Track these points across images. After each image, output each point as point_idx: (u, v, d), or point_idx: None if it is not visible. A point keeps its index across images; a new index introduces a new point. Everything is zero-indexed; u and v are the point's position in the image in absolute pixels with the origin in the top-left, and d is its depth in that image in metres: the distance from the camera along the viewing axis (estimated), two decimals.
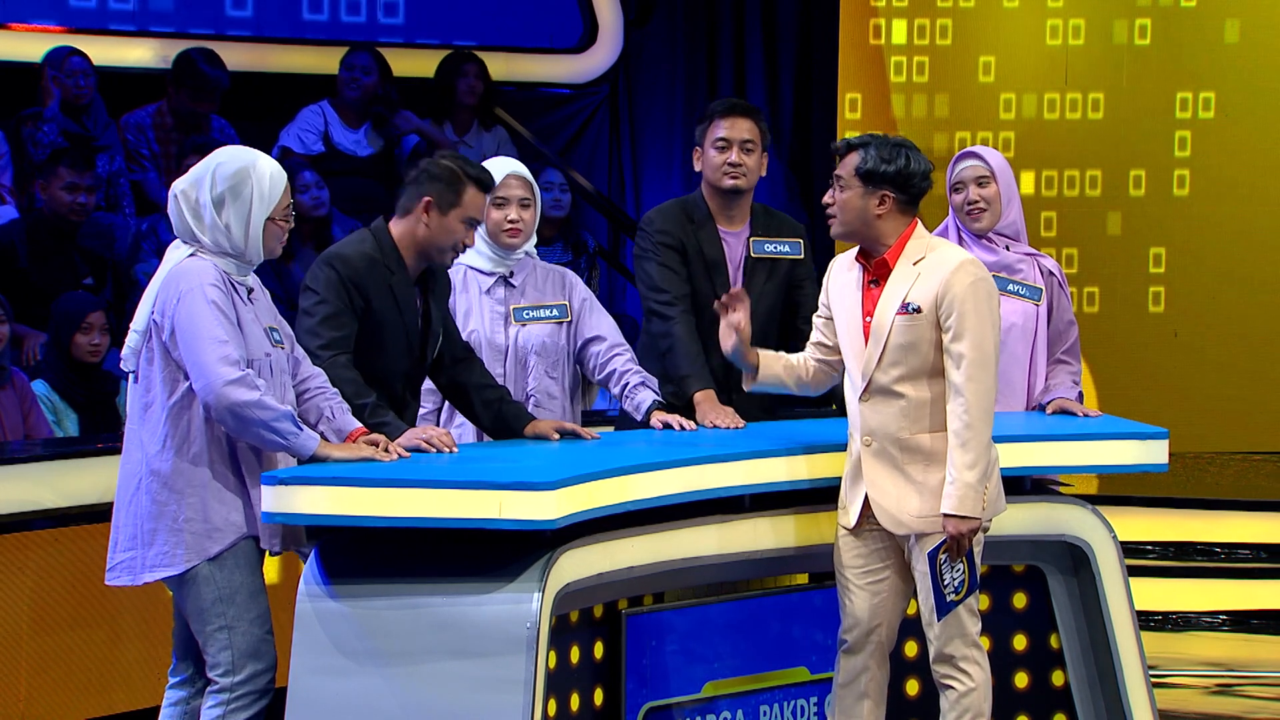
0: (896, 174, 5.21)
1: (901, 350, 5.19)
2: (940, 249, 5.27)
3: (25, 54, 9.61)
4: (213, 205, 4.99)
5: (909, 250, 5.24)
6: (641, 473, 5.07)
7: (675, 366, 5.98)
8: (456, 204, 5.42)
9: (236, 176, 5.00)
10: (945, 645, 5.22)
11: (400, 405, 5.49)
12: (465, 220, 5.44)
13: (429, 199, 5.43)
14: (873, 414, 5.24)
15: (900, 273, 5.22)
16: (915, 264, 5.22)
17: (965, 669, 5.23)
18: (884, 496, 5.24)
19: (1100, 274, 11.54)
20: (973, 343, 5.14)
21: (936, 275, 5.18)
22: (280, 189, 5.04)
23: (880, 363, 5.21)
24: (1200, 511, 9.43)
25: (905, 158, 5.22)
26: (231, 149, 5.11)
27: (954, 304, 5.15)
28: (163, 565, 4.98)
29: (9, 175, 9.01)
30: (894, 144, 5.24)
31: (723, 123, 6.10)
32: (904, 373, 5.20)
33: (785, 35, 11.56)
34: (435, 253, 5.47)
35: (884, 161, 5.21)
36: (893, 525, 5.24)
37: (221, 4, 10.68)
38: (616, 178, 11.47)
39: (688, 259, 6.12)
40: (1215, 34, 11.53)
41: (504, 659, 4.73)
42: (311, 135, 9.73)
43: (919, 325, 5.18)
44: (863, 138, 5.28)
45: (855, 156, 5.24)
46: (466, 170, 5.45)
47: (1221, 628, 8.83)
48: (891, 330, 5.20)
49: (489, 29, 11.07)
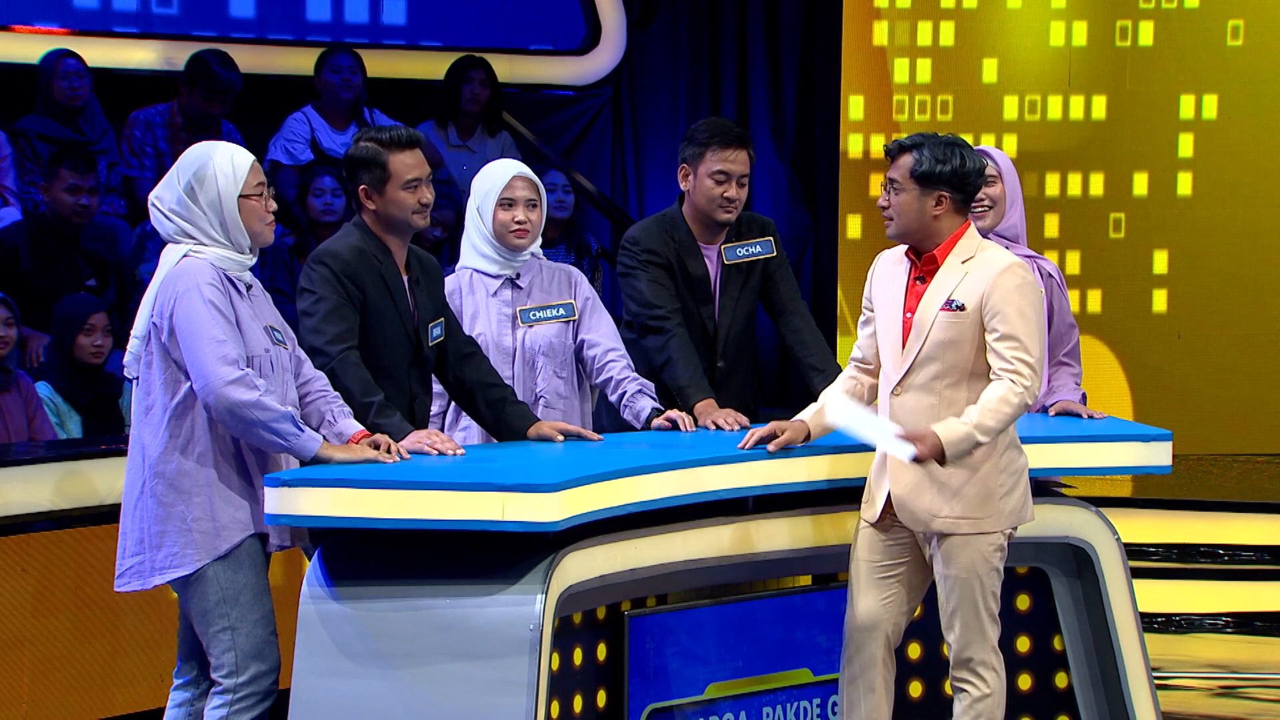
0: (952, 174, 5.19)
1: (941, 347, 5.18)
2: (989, 250, 5.25)
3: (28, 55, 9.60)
4: (185, 197, 5.03)
5: (959, 249, 5.22)
6: (644, 474, 5.07)
7: (674, 378, 6.00)
8: (387, 177, 5.42)
9: (197, 163, 5.05)
10: (964, 649, 5.21)
11: (409, 398, 5.49)
12: (405, 185, 5.42)
13: (364, 187, 5.45)
14: (903, 409, 5.22)
15: (948, 270, 5.21)
16: (964, 262, 5.20)
17: (982, 674, 5.22)
18: (907, 493, 5.22)
19: (1103, 275, 11.53)
20: (1018, 344, 5.12)
21: (984, 275, 5.17)
22: (245, 167, 5.07)
23: (918, 358, 5.19)
24: (1203, 513, 9.42)
25: (960, 157, 5.19)
26: (192, 146, 5.16)
27: (1000, 305, 5.13)
28: (172, 567, 4.98)
29: (11, 177, 9.01)
30: (947, 143, 5.21)
31: (724, 154, 6.09)
32: (940, 370, 5.18)
33: (788, 37, 11.55)
34: (403, 226, 5.46)
35: (939, 162, 5.18)
36: (913, 522, 5.22)
37: (225, 6, 10.68)
38: (619, 179, 11.46)
39: (674, 276, 6.15)
40: (1218, 36, 11.51)
41: (507, 661, 4.73)
42: (299, 144, 9.71)
43: (962, 323, 5.16)
44: (914, 138, 5.23)
45: (909, 158, 5.20)
46: (381, 139, 5.43)
47: (1225, 630, 8.82)
48: (933, 326, 5.18)
49: (492, 31, 11.06)
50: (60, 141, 9.10)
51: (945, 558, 5.20)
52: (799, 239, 11.35)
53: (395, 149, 5.42)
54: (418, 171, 5.44)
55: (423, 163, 5.47)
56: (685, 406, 5.91)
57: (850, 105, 11.47)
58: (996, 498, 5.21)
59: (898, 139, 5.28)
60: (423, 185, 5.45)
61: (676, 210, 6.22)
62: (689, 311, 6.15)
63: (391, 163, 5.41)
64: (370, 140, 5.44)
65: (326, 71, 9.81)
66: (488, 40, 10.94)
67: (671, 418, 5.77)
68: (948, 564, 5.20)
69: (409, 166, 5.43)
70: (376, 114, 9.92)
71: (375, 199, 5.44)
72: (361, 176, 5.44)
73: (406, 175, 5.42)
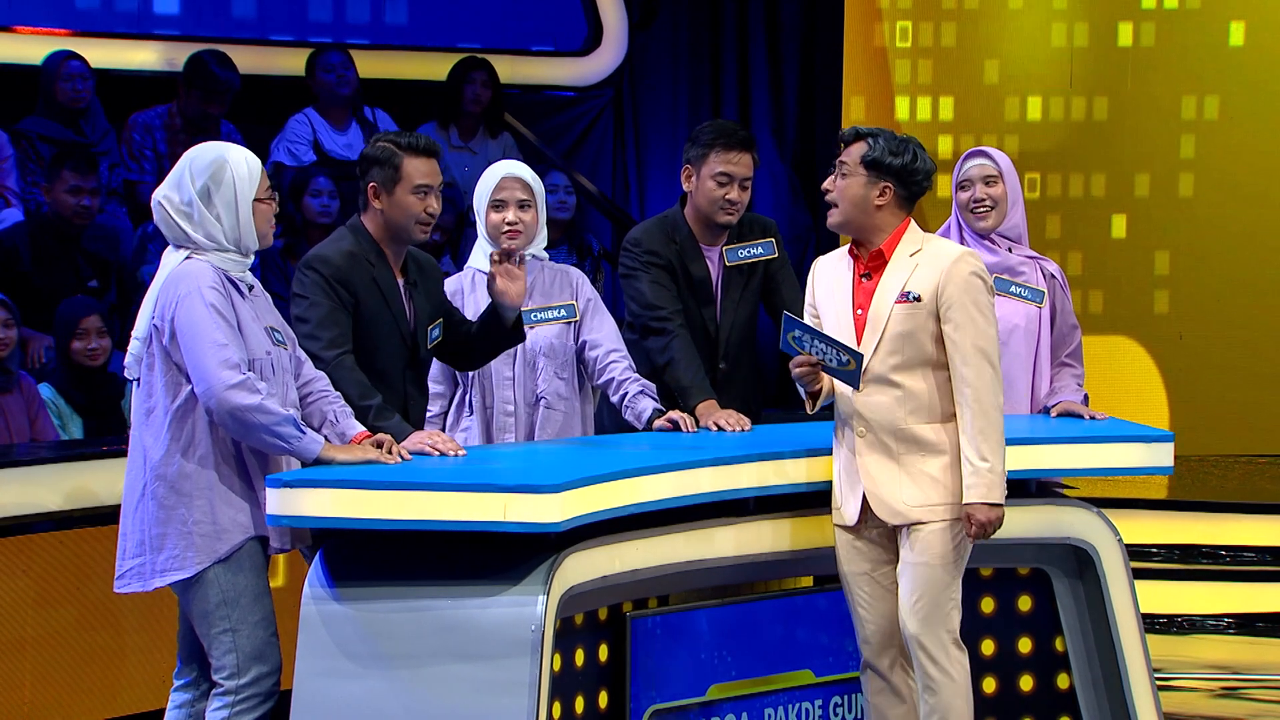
0: (902, 168, 5.22)
1: (900, 339, 5.20)
2: (935, 242, 5.30)
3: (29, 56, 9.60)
4: (199, 200, 5.01)
5: (905, 242, 5.26)
6: (646, 475, 5.07)
7: (676, 379, 6.00)
8: (398, 179, 5.41)
9: (213, 166, 5.03)
10: (929, 637, 5.18)
11: (405, 401, 5.49)
12: (414, 190, 5.42)
13: (373, 185, 5.45)
14: (869, 404, 5.23)
15: (897, 263, 5.24)
16: (912, 255, 5.24)
17: (943, 664, 5.19)
18: (880, 487, 5.23)
19: (1105, 276, 11.53)
20: (976, 331, 5.16)
21: (936, 265, 5.20)
22: (258, 170, 5.07)
23: (877, 352, 5.21)
24: (1205, 514, 9.42)
25: (912, 153, 5.23)
26: (199, 146, 5.14)
27: (954, 294, 5.17)
28: (173, 569, 4.97)
29: (13, 178, 9.01)
30: (902, 139, 5.25)
31: (727, 156, 6.09)
32: (901, 362, 5.20)
33: (789, 37, 11.55)
34: (403, 233, 5.46)
35: (891, 154, 5.22)
36: (889, 515, 5.23)
37: (226, 7, 10.68)
38: (621, 180, 11.46)
39: (675, 277, 6.14)
40: (1220, 36, 11.52)
41: (509, 662, 4.73)
42: (302, 145, 9.71)
43: (918, 314, 5.19)
44: (872, 129, 5.28)
45: (862, 145, 5.25)
46: (399, 142, 5.44)
47: (1227, 630, 8.82)
48: (890, 319, 5.20)
49: (493, 32, 11.06)
50: (62, 143, 9.10)
51: (913, 544, 5.20)
52: (800, 239, 11.35)
53: (411, 153, 5.43)
54: (429, 179, 5.44)
55: (436, 172, 5.47)
56: (687, 407, 5.91)
57: (851, 106, 11.48)
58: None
59: (854, 126, 5.33)
60: (431, 195, 5.44)
61: (678, 211, 6.22)
62: (690, 313, 6.15)
63: (405, 165, 5.42)
64: (389, 141, 5.46)
65: (319, 71, 9.80)
66: (489, 41, 10.94)
67: (673, 419, 5.78)
68: (915, 550, 5.20)
69: (421, 173, 5.43)
70: (378, 113, 9.92)
71: (382, 198, 5.44)
72: (373, 174, 5.45)
73: (417, 180, 5.42)
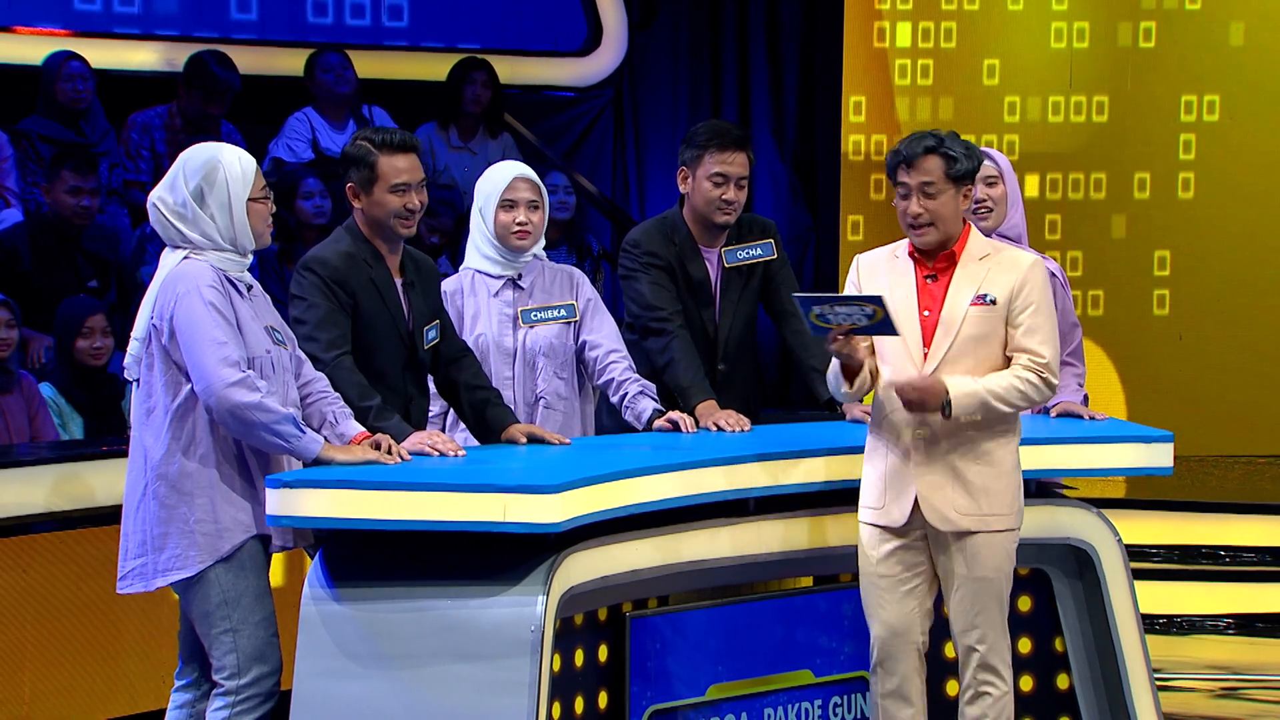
0: (976, 168, 5.25)
1: (973, 342, 5.18)
2: (1005, 247, 5.32)
3: (29, 57, 9.60)
4: (193, 200, 5.01)
5: (973, 245, 5.24)
6: (646, 476, 5.07)
7: (675, 379, 5.99)
8: (375, 178, 5.39)
9: (207, 166, 5.02)
10: (990, 651, 5.23)
11: (404, 400, 5.49)
12: (392, 189, 5.39)
13: (351, 185, 5.44)
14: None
15: (967, 266, 5.22)
16: (982, 259, 5.22)
17: (1004, 674, 5.25)
18: (934, 492, 5.20)
19: (1105, 277, 11.53)
20: (1045, 338, 5.19)
21: (1012, 270, 5.20)
22: (252, 170, 5.07)
23: (948, 355, 5.18)
24: (1205, 515, 9.43)
25: (973, 149, 5.24)
26: (193, 147, 5.13)
27: (1029, 299, 5.18)
28: (175, 569, 4.97)
29: (13, 178, 9.01)
30: (959, 139, 5.22)
31: (722, 157, 6.08)
32: (971, 366, 5.17)
33: (789, 38, 11.55)
34: (388, 230, 5.44)
35: (969, 159, 5.21)
36: (939, 521, 5.20)
37: (226, 7, 10.68)
38: (621, 180, 11.46)
39: (675, 278, 6.15)
40: (1220, 37, 11.52)
41: (508, 662, 4.73)
42: (301, 144, 9.71)
43: (993, 317, 5.18)
44: (925, 140, 5.19)
45: (939, 161, 5.16)
46: (374, 140, 5.42)
47: (1226, 631, 8.82)
48: (965, 321, 5.18)
49: (493, 32, 11.06)
50: (62, 143, 9.09)
51: (971, 558, 5.19)
52: (800, 240, 11.36)
53: (387, 151, 5.39)
54: (407, 176, 5.40)
55: (415, 168, 5.42)
56: (687, 408, 5.91)
57: (851, 106, 11.48)
58: (1017, 494, 5.25)
59: (915, 139, 5.20)
60: (411, 191, 5.40)
61: (677, 213, 6.22)
62: (690, 314, 6.15)
63: (380, 164, 5.39)
64: (364, 139, 5.43)
65: (318, 71, 9.81)
66: (489, 41, 10.94)
67: (673, 419, 5.77)
68: (974, 565, 5.19)
69: (398, 170, 5.39)
70: (377, 112, 9.92)
71: (361, 198, 5.43)
72: (350, 174, 5.44)
73: (394, 179, 5.38)
